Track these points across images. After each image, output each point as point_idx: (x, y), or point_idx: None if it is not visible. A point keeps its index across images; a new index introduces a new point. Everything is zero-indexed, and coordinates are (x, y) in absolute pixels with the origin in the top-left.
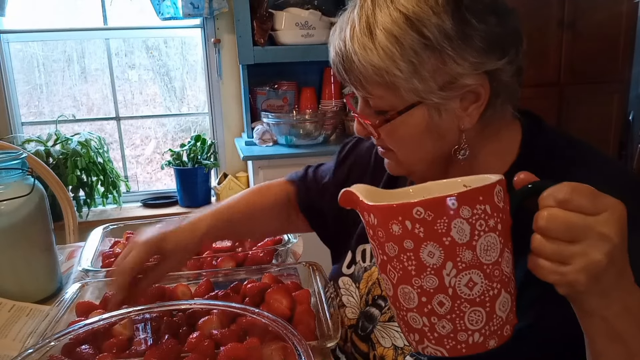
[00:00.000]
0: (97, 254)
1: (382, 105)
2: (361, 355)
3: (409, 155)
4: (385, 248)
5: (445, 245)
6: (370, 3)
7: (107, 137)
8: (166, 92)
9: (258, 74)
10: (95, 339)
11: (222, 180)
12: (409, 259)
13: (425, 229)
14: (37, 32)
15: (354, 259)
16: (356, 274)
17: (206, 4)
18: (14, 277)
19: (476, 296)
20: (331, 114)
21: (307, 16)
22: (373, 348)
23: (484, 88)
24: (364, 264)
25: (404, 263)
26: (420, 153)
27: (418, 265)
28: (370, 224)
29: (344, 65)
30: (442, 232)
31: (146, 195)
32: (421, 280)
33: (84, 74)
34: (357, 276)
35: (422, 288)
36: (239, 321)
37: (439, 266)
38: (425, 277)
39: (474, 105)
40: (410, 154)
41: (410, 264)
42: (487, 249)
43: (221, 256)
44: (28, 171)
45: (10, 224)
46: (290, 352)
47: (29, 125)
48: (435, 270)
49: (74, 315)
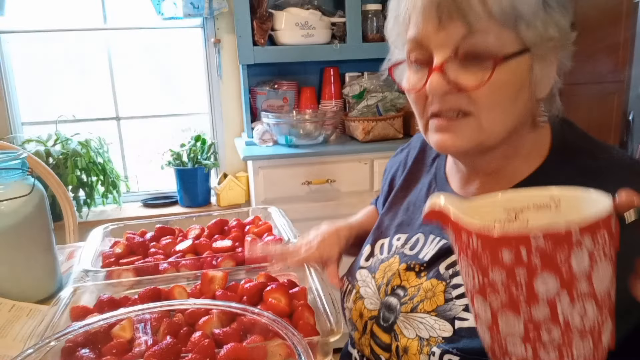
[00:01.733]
0: (97, 254)
1: (484, 50)
2: (382, 347)
3: (499, 118)
4: (489, 273)
5: (562, 275)
6: None
7: (107, 137)
8: (166, 92)
9: (258, 74)
10: (94, 342)
11: (222, 180)
12: (518, 286)
13: (543, 259)
14: (37, 32)
15: (372, 252)
16: (373, 265)
17: (206, 4)
18: (14, 277)
19: (587, 325)
20: (331, 114)
21: (307, 16)
22: (396, 339)
23: (556, 57)
24: (381, 256)
25: (512, 290)
26: (511, 115)
27: (529, 294)
28: (469, 245)
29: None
30: (561, 262)
31: (146, 195)
32: (530, 308)
33: (84, 74)
34: (374, 267)
35: (530, 316)
36: (239, 320)
37: (553, 296)
38: (536, 306)
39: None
40: (501, 115)
41: (519, 292)
42: (601, 278)
43: (221, 256)
44: (28, 171)
45: (10, 224)
46: (292, 349)
47: (29, 125)
48: (548, 300)
49: (69, 320)
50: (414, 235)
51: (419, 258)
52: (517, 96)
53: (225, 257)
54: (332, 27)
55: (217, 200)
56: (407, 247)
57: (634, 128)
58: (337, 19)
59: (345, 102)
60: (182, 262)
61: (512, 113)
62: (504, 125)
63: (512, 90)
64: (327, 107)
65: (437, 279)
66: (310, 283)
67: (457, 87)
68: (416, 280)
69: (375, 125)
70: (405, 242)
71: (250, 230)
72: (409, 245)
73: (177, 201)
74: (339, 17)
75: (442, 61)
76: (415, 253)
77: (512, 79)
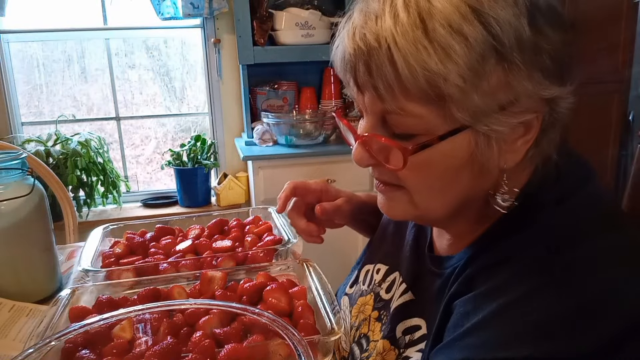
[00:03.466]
0: (97, 254)
1: (411, 127)
2: None
3: (432, 198)
4: None
5: None
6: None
7: (107, 137)
8: (166, 92)
9: (258, 74)
10: (94, 343)
11: (222, 180)
12: None
13: None
14: (37, 32)
15: (357, 279)
16: (354, 295)
17: (206, 4)
18: (14, 277)
19: None
20: (331, 114)
21: (307, 16)
22: None
23: (537, 119)
24: (363, 286)
25: None
26: (448, 196)
27: None
28: None
29: (369, 67)
30: None
31: (146, 195)
32: None
33: (84, 74)
34: (354, 298)
35: None
36: (239, 320)
37: None
38: None
39: (522, 139)
40: (434, 196)
41: None
42: None
43: (221, 256)
44: (28, 171)
45: (10, 224)
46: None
47: (29, 125)
48: None
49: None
50: (392, 273)
51: (389, 307)
52: (454, 177)
53: (225, 257)
54: (332, 27)
55: (217, 200)
56: (384, 288)
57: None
58: (337, 19)
59: (345, 102)
60: (182, 262)
61: (449, 194)
62: (442, 204)
63: (444, 173)
64: (327, 107)
65: (391, 343)
66: (310, 283)
67: (381, 162)
68: (379, 334)
69: None
70: (382, 279)
71: (250, 230)
72: (385, 285)
73: (177, 201)
74: (338, 17)
75: (365, 132)
76: (388, 299)
77: (442, 162)
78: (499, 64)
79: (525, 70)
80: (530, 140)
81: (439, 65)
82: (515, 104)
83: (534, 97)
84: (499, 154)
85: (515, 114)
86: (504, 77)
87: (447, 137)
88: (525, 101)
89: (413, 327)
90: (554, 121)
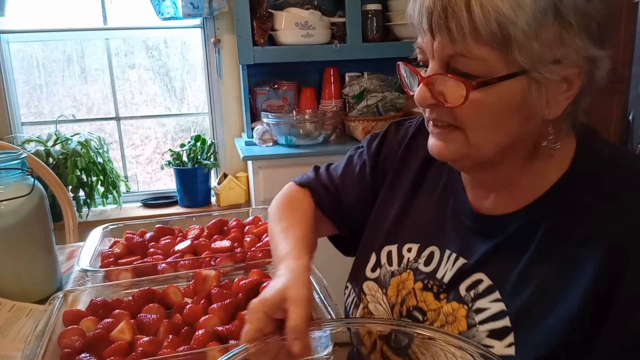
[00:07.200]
0: (96, 254)
1: (474, 69)
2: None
3: (485, 136)
4: None
5: None
6: None
7: (107, 137)
8: (166, 92)
9: (258, 74)
10: (93, 347)
11: (222, 180)
12: None
13: None
14: (37, 32)
15: (378, 262)
16: (382, 278)
17: (206, 4)
18: (14, 277)
19: None
20: (331, 114)
21: (307, 16)
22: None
23: (579, 77)
24: (390, 267)
25: None
26: (499, 135)
27: None
28: None
29: (445, 10)
30: None
31: (146, 195)
32: None
33: (84, 74)
34: (384, 281)
35: None
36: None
37: None
38: None
39: (565, 94)
40: (486, 134)
41: None
42: None
43: (220, 256)
44: (28, 171)
45: (10, 224)
46: None
47: (29, 125)
48: None
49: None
50: (427, 247)
51: (436, 278)
52: (505, 118)
53: (224, 257)
54: (332, 27)
55: (217, 200)
56: (421, 262)
57: (634, 128)
58: (337, 19)
59: (345, 102)
60: (180, 262)
61: (500, 133)
62: (493, 143)
63: (498, 113)
64: (327, 107)
65: (458, 302)
66: None
67: (441, 102)
68: (435, 302)
69: (375, 125)
70: (417, 255)
71: (249, 231)
72: (422, 260)
73: (176, 201)
74: (338, 17)
75: (431, 73)
76: (432, 271)
77: (497, 102)
78: (556, 20)
79: (577, 29)
80: (571, 96)
81: (510, 11)
82: (565, 58)
83: (580, 54)
84: (546, 104)
85: (564, 67)
86: (558, 32)
87: (505, 79)
88: (573, 57)
89: (475, 282)
90: (591, 85)
